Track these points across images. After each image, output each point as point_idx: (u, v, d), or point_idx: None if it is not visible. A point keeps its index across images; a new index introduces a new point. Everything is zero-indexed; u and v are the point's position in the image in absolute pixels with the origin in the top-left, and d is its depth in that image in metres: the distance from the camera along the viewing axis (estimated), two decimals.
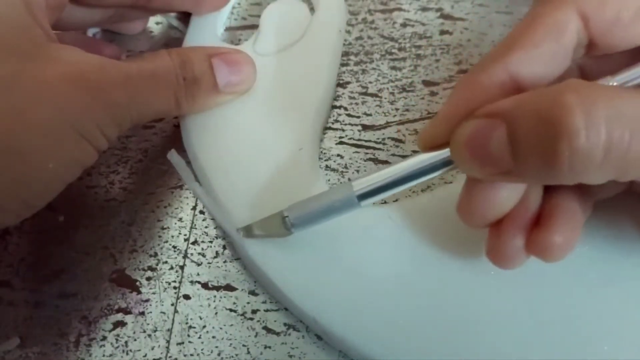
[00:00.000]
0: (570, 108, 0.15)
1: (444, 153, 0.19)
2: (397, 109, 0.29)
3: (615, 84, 0.18)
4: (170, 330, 0.23)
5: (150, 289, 0.24)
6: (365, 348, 0.21)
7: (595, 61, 0.21)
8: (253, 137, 0.26)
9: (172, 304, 0.24)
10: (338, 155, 0.28)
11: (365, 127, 0.29)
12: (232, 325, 0.23)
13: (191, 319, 0.23)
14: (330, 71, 0.29)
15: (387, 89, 0.30)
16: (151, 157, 0.28)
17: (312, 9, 0.31)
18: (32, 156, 0.20)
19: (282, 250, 0.23)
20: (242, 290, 0.24)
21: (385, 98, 0.30)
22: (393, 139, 0.28)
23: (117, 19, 0.30)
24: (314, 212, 0.21)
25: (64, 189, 0.22)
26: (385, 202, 0.25)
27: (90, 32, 0.33)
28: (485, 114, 0.17)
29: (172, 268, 0.25)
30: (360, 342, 0.21)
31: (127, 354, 0.22)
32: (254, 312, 0.23)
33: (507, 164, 0.17)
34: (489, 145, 0.17)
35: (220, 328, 0.23)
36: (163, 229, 0.26)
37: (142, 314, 0.23)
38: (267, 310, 0.23)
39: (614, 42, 0.18)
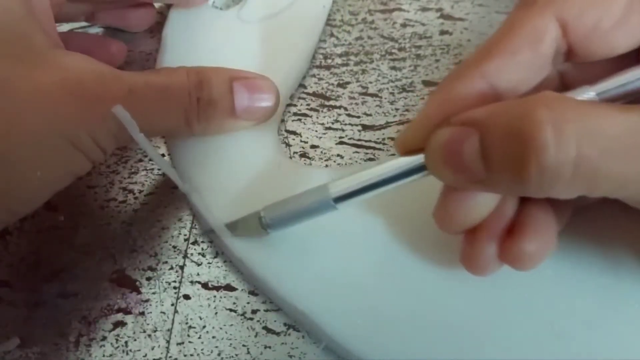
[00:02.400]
0: (540, 123, 0.15)
1: (420, 158, 0.19)
2: (397, 109, 0.29)
3: (592, 93, 0.18)
4: (170, 330, 0.23)
5: (150, 289, 0.24)
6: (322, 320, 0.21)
7: (576, 68, 0.21)
8: None
9: (172, 304, 0.24)
10: (338, 155, 0.28)
11: (365, 127, 0.29)
12: (232, 325, 0.23)
13: (191, 319, 0.23)
14: (308, 47, 0.29)
15: (387, 89, 0.30)
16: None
17: None
18: (19, 164, 0.19)
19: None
20: (242, 290, 0.24)
21: (385, 98, 0.30)
22: (393, 139, 0.28)
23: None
24: (290, 213, 0.21)
25: (64, 189, 0.22)
26: None
27: (92, 30, 0.33)
28: (460, 122, 0.17)
29: (172, 268, 0.25)
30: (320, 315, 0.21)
31: (127, 354, 0.22)
32: (254, 312, 0.23)
33: (480, 174, 0.17)
34: (462, 154, 0.17)
35: (220, 328, 0.23)
36: (163, 229, 0.26)
37: (142, 314, 0.23)
38: (267, 310, 0.23)
39: (594, 50, 0.18)
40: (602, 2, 0.18)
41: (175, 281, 0.24)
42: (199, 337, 0.23)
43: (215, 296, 0.24)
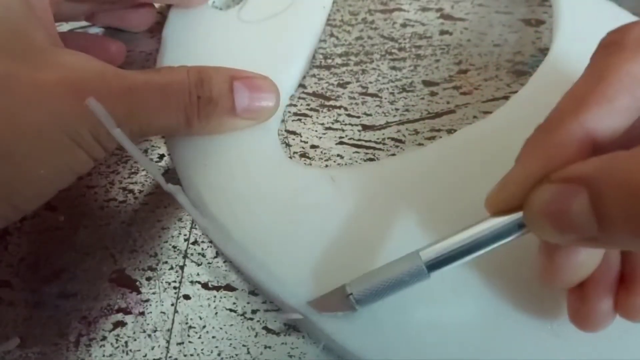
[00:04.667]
0: None
1: (517, 216, 0.18)
2: (397, 109, 0.29)
3: None
4: (170, 330, 0.23)
5: (150, 289, 0.24)
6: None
7: None
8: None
9: (172, 304, 0.24)
10: (338, 155, 0.28)
11: (365, 127, 0.29)
12: (232, 325, 0.23)
13: (191, 319, 0.23)
14: (307, 47, 0.29)
15: (387, 89, 0.30)
16: (151, 156, 0.28)
17: None
18: (23, 161, 0.20)
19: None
20: (242, 290, 0.24)
21: (385, 98, 0.30)
22: (393, 139, 0.28)
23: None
24: (379, 286, 0.20)
25: (64, 189, 0.22)
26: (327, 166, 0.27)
27: (93, 30, 0.33)
28: (564, 179, 0.16)
29: (172, 268, 0.25)
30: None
31: (127, 354, 0.22)
32: (254, 312, 0.23)
33: (591, 232, 0.16)
34: (570, 213, 0.16)
35: (220, 328, 0.23)
36: (163, 229, 0.26)
37: (142, 314, 0.23)
38: (267, 310, 0.23)
39: None
40: None
41: (175, 281, 0.24)
42: (199, 337, 0.23)
43: (215, 296, 0.24)
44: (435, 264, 0.19)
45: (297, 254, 0.23)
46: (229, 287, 0.24)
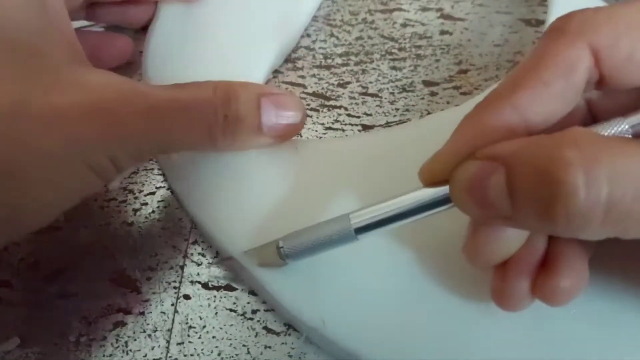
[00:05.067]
0: (569, 165, 0.14)
1: (445, 189, 0.18)
2: (397, 109, 0.29)
3: (626, 126, 0.17)
4: (170, 330, 0.23)
5: (150, 289, 0.24)
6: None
7: (605, 96, 0.20)
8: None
9: (172, 304, 0.24)
10: None
11: (365, 127, 0.29)
12: (232, 325, 0.23)
13: (191, 319, 0.23)
14: (296, 21, 0.31)
15: (387, 89, 0.30)
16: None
17: None
18: (33, 186, 0.19)
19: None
20: (242, 290, 0.24)
21: (385, 98, 0.30)
22: None
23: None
24: (309, 243, 0.21)
25: None
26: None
27: (94, 28, 0.33)
28: (486, 156, 0.17)
29: (172, 268, 0.25)
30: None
31: (127, 354, 0.22)
32: (254, 312, 0.23)
33: (506, 211, 0.16)
34: (487, 190, 0.17)
35: (220, 328, 0.23)
36: (163, 229, 0.26)
37: (142, 314, 0.23)
38: (267, 310, 0.23)
39: (626, 79, 0.18)
40: (637, 31, 0.17)
41: (175, 281, 0.24)
42: (199, 337, 0.23)
43: (215, 296, 0.24)
44: (363, 227, 0.20)
45: (244, 206, 0.24)
46: (229, 287, 0.24)
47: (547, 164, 0.15)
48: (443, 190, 0.19)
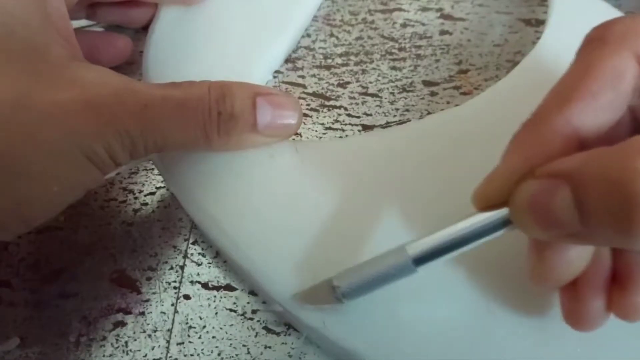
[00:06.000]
0: None
1: (503, 212, 0.18)
2: (397, 109, 0.29)
3: None
4: (170, 330, 0.23)
5: (150, 289, 0.24)
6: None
7: None
8: None
9: (172, 304, 0.24)
10: None
11: (365, 127, 0.29)
12: (232, 325, 0.23)
13: (191, 319, 0.23)
14: (296, 19, 0.31)
15: (387, 89, 0.30)
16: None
17: None
18: (38, 178, 0.20)
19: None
20: (242, 290, 0.24)
21: (385, 98, 0.30)
22: None
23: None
24: (366, 280, 0.20)
25: None
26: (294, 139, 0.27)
27: (95, 28, 0.33)
28: (548, 174, 0.16)
29: (172, 268, 0.25)
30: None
31: (127, 354, 0.22)
32: (254, 312, 0.23)
33: (574, 227, 0.16)
34: (553, 208, 0.16)
35: (220, 328, 0.23)
36: (163, 229, 0.26)
37: (142, 314, 0.23)
38: (267, 310, 0.23)
39: None
40: None
41: (175, 281, 0.24)
42: (199, 337, 0.23)
43: (215, 296, 0.24)
44: (422, 258, 0.19)
45: (244, 206, 0.24)
46: (229, 287, 0.24)
47: (618, 175, 0.14)
48: (501, 213, 0.18)
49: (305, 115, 0.29)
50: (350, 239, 0.23)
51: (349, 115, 0.29)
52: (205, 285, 0.24)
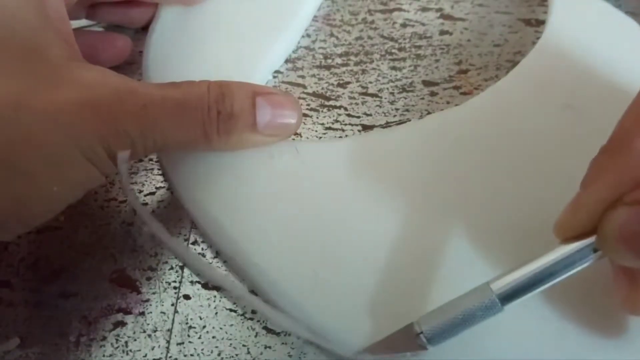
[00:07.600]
0: None
1: (588, 241, 0.17)
2: (397, 109, 0.29)
3: None
4: (170, 330, 0.23)
5: (150, 289, 0.24)
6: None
7: None
8: None
9: (172, 304, 0.24)
10: None
11: (365, 127, 0.29)
12: (232, 325, 0.23)
13: (191, 319, 0.23)
14: (296, 20, 0.31)
15: (387, 89, 0.30)
16: (151, 157, 0.28)
17: None
18: (38, 179, 0.20)
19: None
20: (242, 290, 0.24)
21: (385, 98, 0.30)
22: None
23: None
24: (450, 323, 0.19)
25: None
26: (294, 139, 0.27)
27: (94, 28, 0.33)
28: (639, 201, 0.16)
29: (172, 268, 0.25)
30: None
31: (127, 354, 0.22)
32: (254, 312, 0.23)
33: None
34: None
35: (220, 328, 0.23)
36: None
37: (142, 314, 0.23)
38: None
39: None
40: None
41: (175, 281, 0.24)
42: (199, 337, 0.23)
43: (215, 296, 0.24)
44: (508, 296, 0.18)
45: (244, 207, 0.24)
46: None
47: None
48: (586, 242, 0.18)
49: (305, 115, 0.29)
50: (350, 237, 0.23)
51: (349, 115, 0.29)
52: (205, 285, 0.24)
